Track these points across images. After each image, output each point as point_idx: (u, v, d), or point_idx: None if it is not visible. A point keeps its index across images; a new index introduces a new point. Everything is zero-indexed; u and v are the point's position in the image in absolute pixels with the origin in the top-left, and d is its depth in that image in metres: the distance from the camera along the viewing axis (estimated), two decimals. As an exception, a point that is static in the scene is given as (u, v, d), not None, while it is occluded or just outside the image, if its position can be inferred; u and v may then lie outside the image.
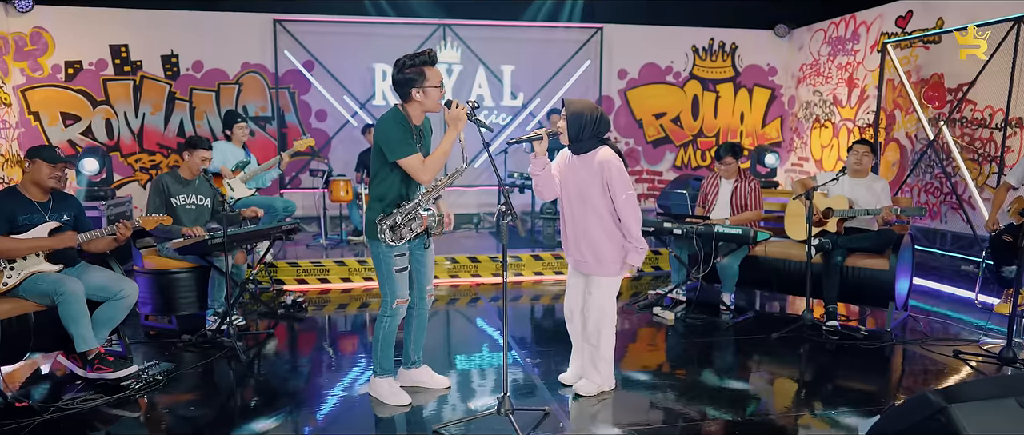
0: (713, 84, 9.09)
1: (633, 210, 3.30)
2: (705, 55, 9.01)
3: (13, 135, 7.38)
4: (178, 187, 4.61)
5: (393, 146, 3.18)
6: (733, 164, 5.28)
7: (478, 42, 8.32)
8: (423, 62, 3.22)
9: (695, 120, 9.13)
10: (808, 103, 8.80)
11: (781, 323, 4.80)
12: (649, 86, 8.94)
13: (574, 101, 3.37)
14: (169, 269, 4.55)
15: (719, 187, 5.38)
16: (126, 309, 3.78)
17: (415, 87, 3.21)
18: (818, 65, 8.56)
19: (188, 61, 7.80)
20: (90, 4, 7.47)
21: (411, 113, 3.29)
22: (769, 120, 9.31)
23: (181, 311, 4.63)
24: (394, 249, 3.25)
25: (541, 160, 3.38)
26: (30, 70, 7.44)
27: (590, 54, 8.62)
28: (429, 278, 3.52)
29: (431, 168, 3.23)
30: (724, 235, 4.79)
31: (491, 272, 6.35)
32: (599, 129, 3.34)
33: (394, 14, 8.04)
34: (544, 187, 3.44)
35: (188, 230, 4.41)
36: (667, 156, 9.13)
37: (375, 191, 3.31)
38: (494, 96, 8.45)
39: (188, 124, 7.87)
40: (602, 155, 3.31)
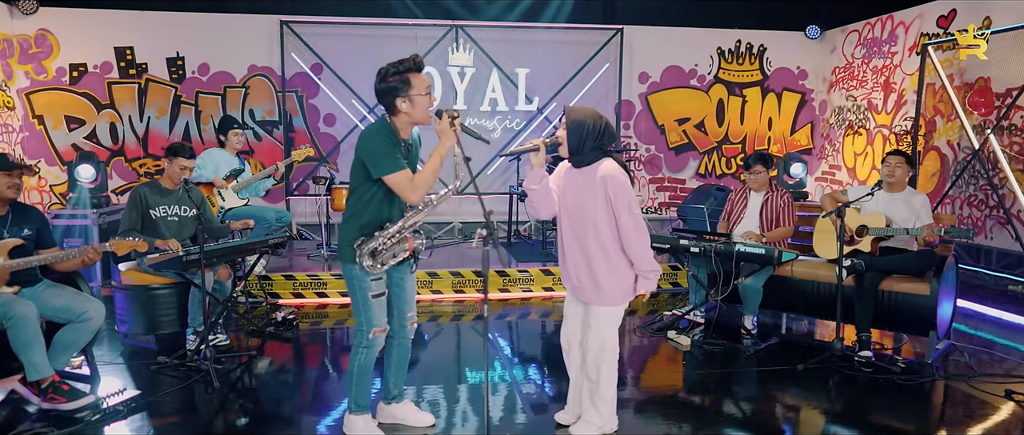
0: (739, 88, 8.64)
1: (639, 232, 2.93)
2: (731, 58, 8.57)
3: (16, 139, 7.25)
4: (157, 198, 4.35)
5: (378, 160, 2.86)
6: (763, 174, 4.86)
7: (492, 44, 8.00)
8: (407, 69, 2.89)
9: (720, 126, 8.69)
10: (841, 109, 8.31)
11: (808, 351, 4.38)
12: (672, 90, 8.53)
13: (574, 109, 3.01)
14: (149, 285, 4.30)
15: (748, 200, 4.97)
16: (90, 332, 3.52)
17: (399, 97, 2.89)
18: (851, 68, 8.06)
19: (194, 64, 7.61)
20: (95, 5, 7.31)
21: (398, 126, 2.97)
22: (799, 126, 8.82)
23: (161, 329, 4.37)
24: (370, 273, 2.93)
25: (537, 173, 3.03)
26: (35, 73, 7.31)
27: (609, 56, 8.24)
28: (411, 303, 3.19)
29: (421, 186, 2.90)
30: (746, 254, 4.38)
31: (497, 287, 6.01)
32: (602, 140, 2.98)
33: (404, 15, 7.75)
34: (541, 204, 3.09)
35: (162, 243, 4.14)
36: (690, 163, 8.70)
37: (353, 209, 2.99)
38: (508, 100, 8.11)
39: (194, 128, 7.68)
40: (605, 169, 2.95)
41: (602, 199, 2.95)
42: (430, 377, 4.05)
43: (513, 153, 3.03)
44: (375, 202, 2.96)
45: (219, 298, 4.43)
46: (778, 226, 4.82)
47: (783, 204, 4.81)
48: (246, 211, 5.27)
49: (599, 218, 2.96)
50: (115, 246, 3.49)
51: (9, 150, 7.06)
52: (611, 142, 3.02)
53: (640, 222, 2.94)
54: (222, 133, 5.59)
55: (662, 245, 4.73)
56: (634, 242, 2.93)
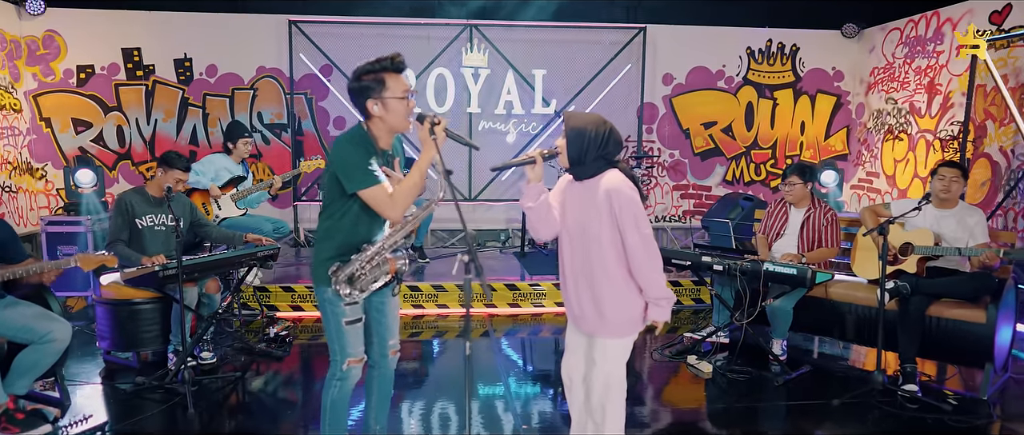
0: (770, 90, 8.16)
1: (649, 253, 2.55)
2: (761, 58, 8.10)
3: (23, 142, 7.11)
4: (145, 207, 4.10)
5: (351, 173, 2.53)
6: (797, 186, 4.43)
7: (507, 44, 7.66)
8: (383, 68, 2.57)
9: (749, 130, 8.22)
10: (879, 112, 7.79)
11: (844, 383, 3.95)
12: (698, 92, 8.09)
13: (574, 115, 2.65)
14: (131, 299, 4.03)
15: (788, 215, 4.54)
16: (54, 354, 3.26)
17: (371, 99, 2.57)
18: (892, 69, 7.54)
19: (202, 65, 7.40)
20: (103, 6, 7.15)
21: (376, 134, 2.64)
22: (834, 131, 8.31)
23: (144, 346, 4.11)
24: (343, 297, 2.60)
25: (535, 188, 2.67)
26: (42, 75, 7.17)
27: (631, 57, 7.83)
28: (393, 329, 2.86)
29: (400, 202, 2.56)
30: (775, 275, 3.97)
31: (507, 302, 5.66)
32: (607, 149, 2.61)
33: (417, 15, 7.45)
34: (540, 223, 2.72)
35: (147, 260, 3.88)
36: (717, 170, 8.25)
37: (326, 228, 2.66)
38: (524, 103, 7.76)
39: (201, 131, 7.47)
40: (608, 181, 2.58)
41: (606, 215, 2.58)
42: (434, 396, 3.71)
43: (507, 166, 2.67)
44: (351, 220, 2.63)
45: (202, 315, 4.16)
46: (819, 246, 4.38)
47: (825, 222, 4.37)
48: (243, 222, 5.00)
49: (603, 237, 2.59)
50: (81, 261, 3.23)
51: (14, 153, 6.93)
52: (617, 151, 2.65)
53: (650, 242, 2.56)
54: (230, 141, 5.34)
55: (682, 261, 4.34)
56: (643, 264, 2.56)
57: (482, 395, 3.89)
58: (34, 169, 7.20)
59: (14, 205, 6.85)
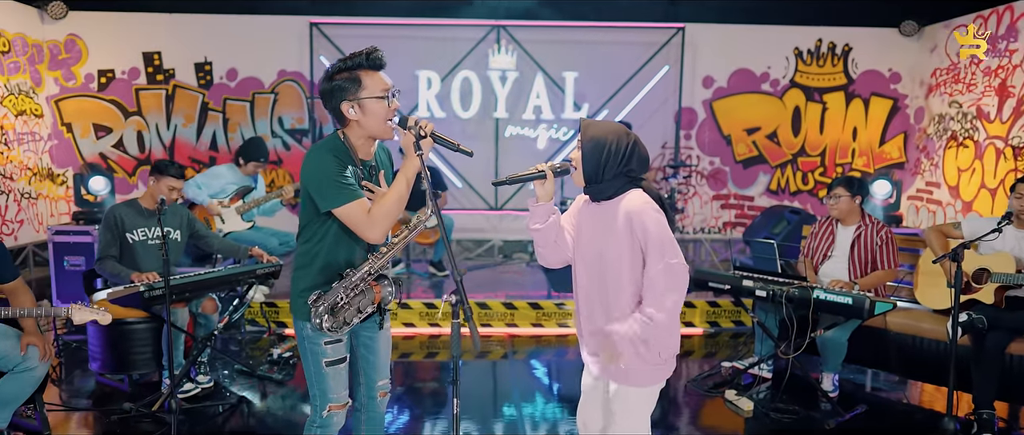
0: (819, 93, 7.60)
1: (670, 287, 2.12)
2: (810, 59, 7.55)
3: (44, 148, 7.02)
4: (136, 220, 3.84)
5: (324, 189, 2.19)
6: (844, 199, 3.95)
7: (537, 45, 7.28)
8: (358, 65, 2.23)
9: (796, 136, 7.67)
10: (941, 116, 7.16)
11: (909, 428, 3.45)
12: (740, 96, 7.58)
13: (593, 124, 2.25)
14: (123, 319, 3.77)
15: (835, 234, 4.05)
16: (33, 383, 3.02)
17: (346, 100, 2.23)
18: (957, 69, 6.92)
19: (222, 69, 7.21)
20: (124, 9, 7.01)
21: (354, 142, 2.30)
22: (889, 137, 7.70)
23: (136, 369, 3.85)
24: (325, 334, 2.26)
25: (544, 208, 2.28)
26: (64, 79, 7.07)
27: (669, 58, 7.38)
28: (383, 368, 2.51)
29: (381, 220, 2.21)
30: (826, 304, 3.49)
31: (529, 322, 5.27)
32: (629, 165, 2.21)
33: (442, 15, 7.13)
34: (548, 249, 2.34)
35: (137, 276, 3.62)
36: (760, 179, 7.72)
37: (303, 252, 2.33)
38: (554, 107, 7.36)
39: (221, 137, 7.28)
40: (632, 202, 2.18)
41: (627, 243, 2.18)
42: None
43: (513, 179, 2.28)
44: (330, 242, 2.29)
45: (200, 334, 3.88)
46: (873, 269, 3.88)
47: (880, 242, 3.87)
48: (248, 236, 4.72)
49: (623, 269, 2.19)
50: (75, 313, 2.96)
51: (35, 159, 6.83)
52: (641, 169, 2.24)
53: (677, 276, 2.13)
54: (243, 158, 5.02)
55: (721, 284, 3.89)
56: (659, 300, 2.12)
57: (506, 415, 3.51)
58: (55, 175, 7.11)
59: (33, 212, 6.75)
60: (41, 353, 3.01)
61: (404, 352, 4.82)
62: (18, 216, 6.52)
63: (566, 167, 2.26)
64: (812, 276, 4.06)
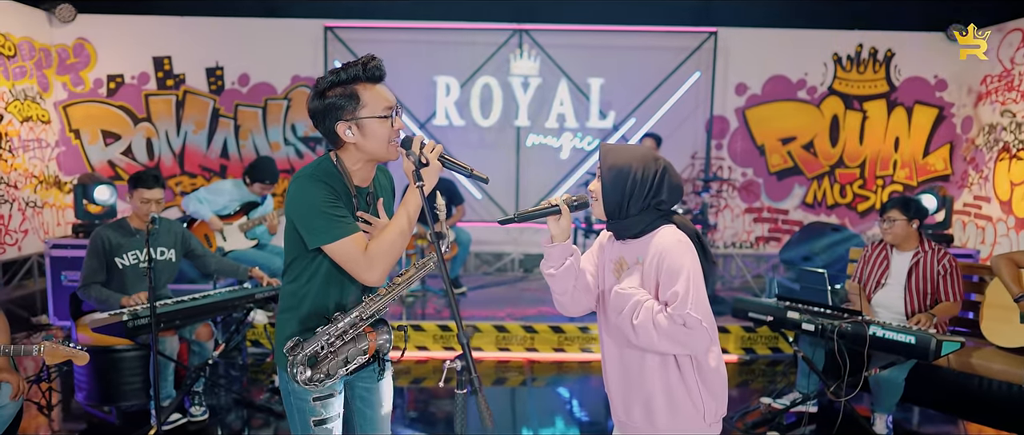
0: (859, 102, 7.17)
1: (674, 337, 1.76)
2: (850, 65, 7.12)
3: (51, 155, 6.83)
4: (126, 242, 3.56)
5: (313, 222, 1.88)
6: (899, 222, 3.56)
7: (561, 50, 6.94)
8: (353, 77, 1.91)
9: (834, 146, 7.25)
10: (992, 126, 6.70)
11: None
12: (775, 104, 7.17)
13: (614, 149, 1.91)
14: (111, 346, 3.50)
15: (890, 260, 3.66)
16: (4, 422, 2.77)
17: (342, 121, 1.91)
18: (1010, 76, 6.46)
19: (234, 74, 6.97)
20: (134, 12, 6.81)
21: (349, 167, 1.99)
22: (934, 147, 7.25)
23: (125, 400, 3.58)
24: (313, 390, 1.94)
25: (560, 250, 1.92)
26: (72, 84, 6.88)
27: (700, 64, 7.00)
28: (383, 425, 2.18)
29: (380, 259, 1.89)
30: (885, 342, 3.11)
31: (551, 347, 4.93)
32: (659, 196, 1.86)
33: (461, 18, 6.82)
34: (566, 296, 1.97)
35: (126, 300, 3.34)
36: (795, 191, 7.30)
37: (288, 293, 2.02)
38: (579, 115, 7.02)
39: (232, 144, 7.04)
40: (663, 240, 1.84)
41: (655, 287, 1.84)
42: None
43: (523, 216, 1.91)
44: (320, 283, 1.98)
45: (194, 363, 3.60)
46: (933, 299, 3.48)
47: (944, 270, 3.48)
48: (250, 255, 4.43)
49: (657, 318, 1.85)
50: (47, 354, 2.69)
51: (41, 166, 6.64)
52: (674, 199, 1.89)
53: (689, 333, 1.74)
54: (251, 178, 4.73)
55: (762, 316, 3.52)
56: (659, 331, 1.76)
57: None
58: (62, 183, 6.91)
59: (39, 221, 6.56)
60: (14, 390, 2.74)
61: (416, 377, 4.51)
62: (23, 225, 6.33)
63: (584, 200, 1.92)
64: (864, 305, 3.67)
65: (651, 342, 1.77)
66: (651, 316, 1.75)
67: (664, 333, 1.74)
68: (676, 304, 1.74)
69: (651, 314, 1.76)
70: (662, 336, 1.75)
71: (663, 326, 1.74)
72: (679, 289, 1.74)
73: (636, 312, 1.77)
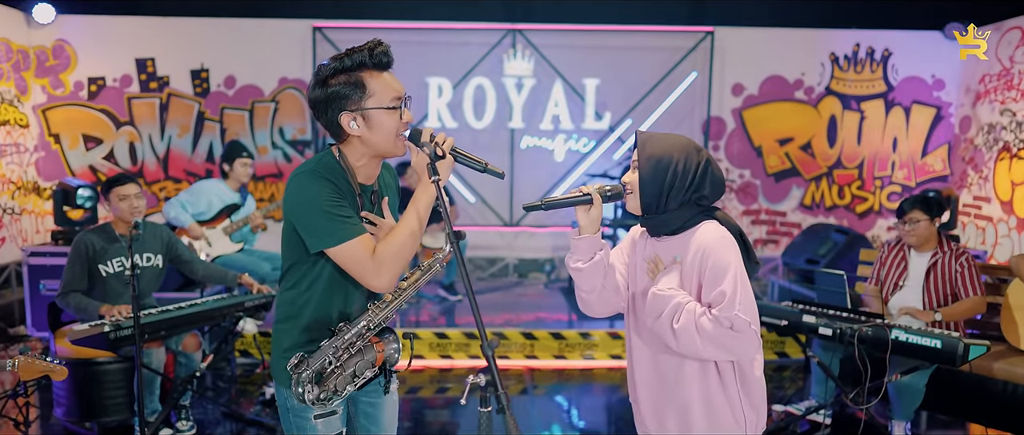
0: (857, 101, 7.09)
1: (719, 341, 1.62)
2: (847, 65, 7.05)
3: (29, 160, 6.59)
4: (110, 247, 3.37)
5: (315, 223, 1.71)
6: (922, 224, 3.45)
7: (555, 50, 6.81)
8: (359, 64, 1.76)
9: (832, 147, 7.17)
10: (991, 126, 6.64)
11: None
12: (772, 104, 7.08)
13: (653, 138, 1.77)
14: (92, 359, 3.30)
15: (908, 261, 3.55)
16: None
17: (346, 112, 1.76)
18: (1009, 75, 6.40)
19: (219, 76, 6.78)
20: (116, 13, 6.60)
21: (353, 163, 1.83)
22: (932, 147, 7.18)
23: (107, 416, 3.37)
24: (314, 408, 1.77)
25: (588, 243, 1.78)
26: (51, 87, 6.65)
27: (696, 64, 6.89)
28: (388, 441, 2.02)
29: (389, 262, 1.72)
30: (909, 347, 2.98)
31: (552, 354, 4.77)
32: (701, 190, 1.72)
33: (453, 18, 6.67)
34: (593, 294, 1.83)
35: (107, 310, 3.15)
36: (793, 192, 7.21)
37: (286, 301, 1.85)
38: (574, 117, 6.89)
39: (218, 148, 6.83)
40: (705, 235, 1.70)
41: (696, 288, 1.70)
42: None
43: (550, 204, 1.75)
44: (321, 290, 1.81)
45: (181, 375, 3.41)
46: (952, 299, 3.38)
47: (961, 268, 3.37)
48: (236, 260, 4.25)
49: (694, 321, 1.70)
50: (22, 369, 2.49)
51: (19, 171, 6.40)
52: (716, 194, 1.75)
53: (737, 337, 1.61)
54: (227, 162, 4.61)
55: (777, 320, 3.39)
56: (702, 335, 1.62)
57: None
58: (41, 189, 6.67)
59: (17, 228, 6.32)
60: None
61: (412, 387, 4.34)
62: (0, 233, 6.08)
63: (618, 190, 1.77)
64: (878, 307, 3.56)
65: (694, 348, 1.62)
66: (694, 319, 1.61)
67: (708, 337, 1.60)
68: (723, 305, 1.60)
69: (693, 317, 1.61)
70: (706, 341, 1.60)
71: (707, 330, 1.59)
72: (726, 289, 1.60)
73: (677, 315, 1.63)
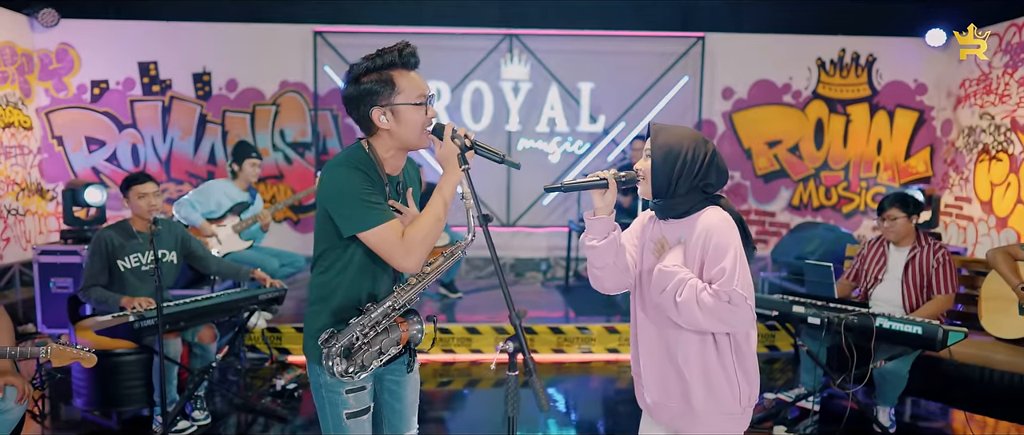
0: (843, 105, 7.32)
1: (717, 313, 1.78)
2: (833, 69, 7.27)
3: (33, 162, 6.68)
4: (128, 244, 3.50)
5: (349, 209, 1.87)
6: (900, 221, 3.64)
7: (551, 55, 6.98)
8: (389, 63, 1.90)
9: (818, 149, 7.38)
10: (972, 129, 6.88)
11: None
12: (761, 108, 7.29)
13: (665, 129, 1.95)
14: (111, 350, 3.43)
15: (887, 256, 3.74)
16: (7, 428, 2.70)
17: (377, 106, 1.91)
18: (988, 80, 6.65)
19: (221, 79, 6.90)
20: (119, 17, 6.71)
21: (381, 155, 1.98)
22: (915, 150, 7.42)
23: (126, 405, 3.50)
24: (345, 383, 1.92)
25: (603, 223, 1.94)
26: (55, 90, 6.75)
27: (688, 69, 7.09)
28: (410, 419, 2.17)
29: (417, 245, 1.88)
30: (891, 333, 3.16)
31: (550, 348, 4.93)
32: (707, 178, 1.90)
33: (452, 24, 6.84)
34: (605, 271, 1.99)
35: (127, 301, 3.28)
36: (782, 193, 7.41)
37: (319, 284, 1.99)
38: (569, 119, 7.06)
39: (219, 150, 6.96)
40: (709, 219, 1.87)
41: (698, 269, 1.87)
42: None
43: (569, 187, 1.95)
44: (353, 273, 1.96)
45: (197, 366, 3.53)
46: (929, 293, 3.57)
47: (937, 262, 3.56)
48: (246, 257, 4.38)
49: (697, 299, 1.87)
50: (53, 355, 2.63)
51: (23, 173, 6.49)
52: (720, 182, 1.93)
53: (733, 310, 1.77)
54: (236, 162, 4.77)
55: (767, 311, 3.56)
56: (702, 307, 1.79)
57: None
58: (44, 190, 6.76)
59: (21, 229, 6.40)
60: (19, 394, 2.67)
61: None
62: (4, 234, 6.17)
63: (632, 176, 1.95)
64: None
65: (694, 319, 1.79)
66: (695, 293, 1.78)
67: (708, 310, 1.76)
68: (723, 280, 1.77)
69: (695, 291, 1.78)
70: (706, 313, 1.77)
71: (708, 303, 1.76)
72: (726, 266, 1.77)
73: (680, 289, 1.79)
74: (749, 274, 1.82)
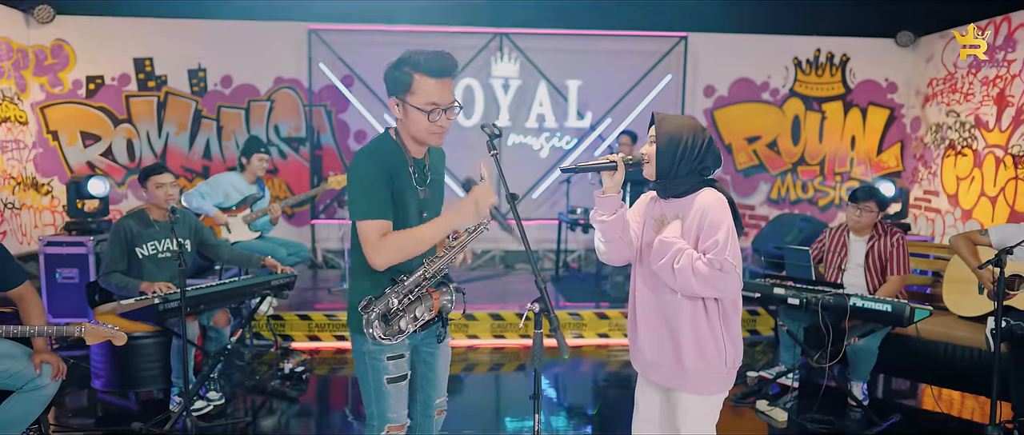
0: (818, 103, 7.64)
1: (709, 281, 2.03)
2: (809, 69, 7.59)
3: (28, 156, 6.74)
4: (145, 232, 3.65)
5: (354, 195, 2.09)
6: (873, 213, 3.91)
7: (540, 54, 7.21)
8: (416, 63, 2.10)
9: (796, 145, 7.70)
10: (939, 126, 7.24)
11: None
12: (741, 105, 7.58)
13: (668, 117, 2.18)
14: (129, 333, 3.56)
15: (848, 246, 4.01)
16: (43, 404, 2.85)
17: (395, 95, 2.13)
18: (954, 79, 7.00)
19: (216, 76, 7.02)
20: (115, 14, 6.79)
21: (404, 140, 2.19)
22: (886, 146, 7.76)
23: (144, 386, 3.66)
24: (386, 348, 2.12)
25: (612, 200, 2.17)
26: (50, 86, 6.81)
27: (671, 67, 7.36)
28: (441, 386, 2.38)
29: (391, 250, 2.07)
30: (864, 311, 3.44)
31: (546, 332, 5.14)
32: (703, 161, 2.15)
33: (444, 22, 7.02)
34: (613, 244, 2.23)
35: (147, 286, 3.44)
36: (761, 187, 7.72)
37: (361, 258, 2.19)
38: (557, 116, 7.29)
39: (215, 145, 7.07)
40: (705, 198, 2.11)
41: (694, 242, 2.11)
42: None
43: (581, 169, 2.18)
44: (387, 248, 2.16)
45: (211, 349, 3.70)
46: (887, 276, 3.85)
47: (892, 246, 3.84)
48: (256, 246, 4.54)
49: (691, 268, 2.11)
50: (87, 334, 2.79)
51: (19, 167, 6.56)
52: (715, 166, 2.18)
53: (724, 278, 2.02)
54: (246, 156, 4.92)
55: (750, 293, 3.82)
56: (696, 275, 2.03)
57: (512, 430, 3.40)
58: (40, 185, 6.83)
59: (17, 223, 6.47)
60: (54, 371, 2.83)
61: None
62: (1, 227, 6.24)
63: (639, 159, 2.18)
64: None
65: (689, 285, 2.02)
66: (690, 262, 2.02)
67: (702, 277, 2.00)
68: (716, 250, 2.01)
69: (691, 260, 2.02)
70: (700, 279, 2.01)
71: (702, 271, 2.00)
72: (719, 238, 2.01)
73: (677, 258, 2.03)
74: (738, 247, 2.06)
